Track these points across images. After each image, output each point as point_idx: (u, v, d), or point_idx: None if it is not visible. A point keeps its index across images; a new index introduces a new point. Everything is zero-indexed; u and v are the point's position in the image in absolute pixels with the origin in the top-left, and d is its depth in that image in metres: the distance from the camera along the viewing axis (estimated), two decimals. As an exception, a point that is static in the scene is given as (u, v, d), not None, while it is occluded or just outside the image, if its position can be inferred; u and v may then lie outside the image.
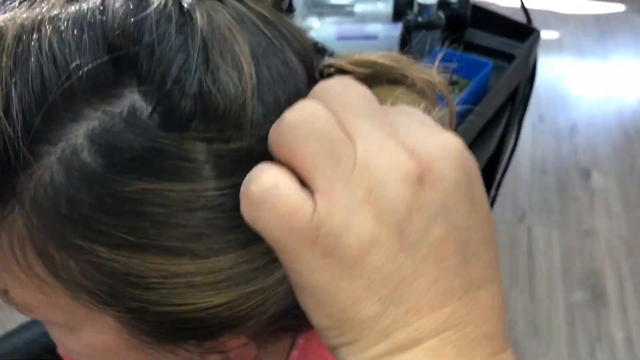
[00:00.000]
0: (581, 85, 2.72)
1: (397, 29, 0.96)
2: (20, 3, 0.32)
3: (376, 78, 0.36)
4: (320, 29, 0.96)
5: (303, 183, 0.27)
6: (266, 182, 0.26)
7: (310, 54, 0.35)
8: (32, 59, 0.29)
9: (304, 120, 0.26)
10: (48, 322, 0.36)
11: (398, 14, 1.04)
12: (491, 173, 1.10)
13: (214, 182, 0.29)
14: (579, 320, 1.85)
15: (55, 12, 0.30)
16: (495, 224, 1.14)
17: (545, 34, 1.77)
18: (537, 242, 2.10)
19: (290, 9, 0.32)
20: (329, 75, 0.36)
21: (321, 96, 0.28)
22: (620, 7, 3.18)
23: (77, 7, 0.31)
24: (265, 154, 0.30)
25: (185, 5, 0.30)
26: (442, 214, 0.26)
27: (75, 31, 0.29)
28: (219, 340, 0.34)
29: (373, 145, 0.26)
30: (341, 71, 0.36)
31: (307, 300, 0.28)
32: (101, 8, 0.30)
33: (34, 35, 0.29)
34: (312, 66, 0.35)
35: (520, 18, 1.23)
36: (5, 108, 0.28)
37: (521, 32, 1.06)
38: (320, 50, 0.80)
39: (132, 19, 0.30)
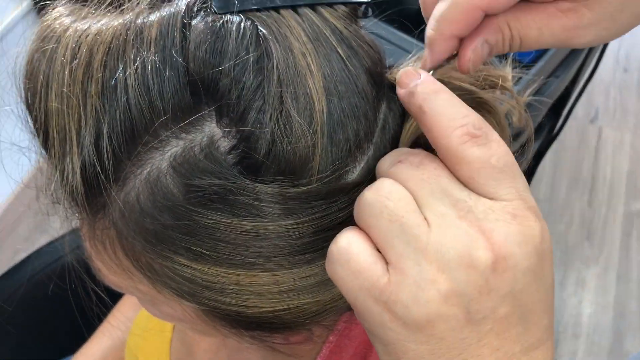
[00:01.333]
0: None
1: None
2: (107, 6, 0.32)
3: None
4: None
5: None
6: (342, 242, 0.30)
7: (380, 67, 0.35)
8: (119, 91, 0.30)
9: (378, 199, 0.29)
10: (134, 296, 0.40)
11: None
12: (567, 94, 1.06)
13: (281, 219, 0.31)
14: (637, 230, 1.83)
15: (140, 21, 0.31)
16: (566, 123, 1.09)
17: None
18: (605, 145, 2.04)
19: (366, 14, 0.31)
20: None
21: (398, 173, 0.30)
22: None
23: (160, 17, 0.31)
24: (330, 192, 0.32)
25: (262, 34, 0.31)
26: (510, 296, 0.28)
27: (157, 62, 0.30)
28: (282, 334, 0.38)
29: (447, 229, 0.28)
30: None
31: (377, 347, 0.31)
32: (182, 32, 0.30)
33: (120, 65, 0.30)
34: (381, 81, 0.35)
35: None
36: (95, 137, 0.30)
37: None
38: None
39: (212, 52, 0.30)
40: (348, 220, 0.32)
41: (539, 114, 1.00)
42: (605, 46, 0.99)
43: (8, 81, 0.35)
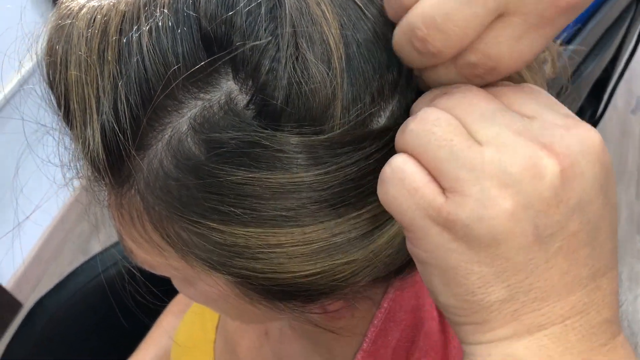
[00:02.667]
0: None
1: None
2: None
3: None
4: None
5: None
6: (397, 162, 0.28)
7: None
8: (134, 53, 0.30)
9: (424, 127, 0.27)
10: (168, 275, 0.40)
11: None
12: (607, 76, 1.02)
13: (308, 169, 0.30)
14: (690, 219, 1.76)
15: None
16: (606, 113, 1.07)
17: None
18: (650, 135, 1.97)
19: None
20: None
21: (443, 104, 0.28)
22: None
23: None
24: (355, 139, 0.31)
25: None
26: (578, 209, 0.26)
27: (169, 21, 0.30)
28: (318, 302, 0.36)
29: (504, 146, 0.26)
30: None
31: (434, 279, 0.29)
32: None
33: (134, 28, 0.30)
34: None
35: None
36: (113, 102, 0.30)
37: None
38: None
39: (223, 5, 0.30)
40: (377, 169, 0.31)
41: (579, 98, 0.97)
42: (636, 47, 0.95)
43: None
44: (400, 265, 0.36)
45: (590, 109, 1.07)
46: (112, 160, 0.31)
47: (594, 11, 0.77)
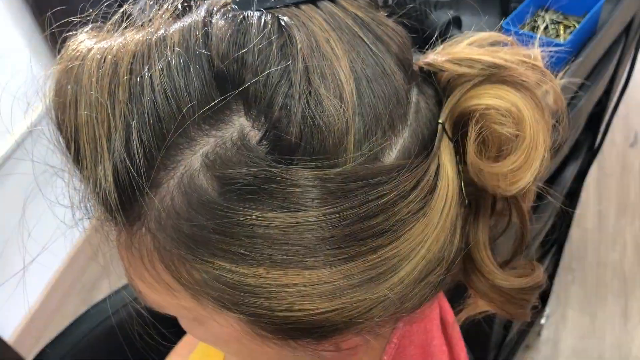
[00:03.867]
0: None
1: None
2: (129, 20, 0.33)
3: (480, 76, 0.34)
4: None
5: None
6: None
7: (407, 52, 0.35)
8: (146, 92, 0.30)
9: None
10: (177, 316, 0.39)
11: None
12: (602, 109, 1.04)
13: (321, 205, 0.30)
14: (697, 250, 1.75)
15: (161, 32, 0.31)
16: (605, 148, 1.09)
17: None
18: (650, 168, 1.98)
19: (386, 3, 0.31)
20: (429, 73, 0.36)
21: None
22: None
23: (181, 26, 0.31)
24: (368, 175, 0.30)
25: (284, 22, 0.31)
26: None
27: (181, 60, 0.30)
28: (332, 339, 0.35)
29: None
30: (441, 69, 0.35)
31: None
32: (204, 30, 0.31)
33: (145, 68, 0.30)
34: (409, 65, 0.34)
35: None
36: (125, 140, 0.30)
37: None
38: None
39: (234, 43, 0.30)
40: (388, 209, 0.30)
41: (575, 131, 0.98)
42: (636, 54, 0.97)
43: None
44: (419, 300, 0.35)
45: (587, 142, 1.08)
46: (124, 199, 0.31)
47: (584, 43, 0.79)
